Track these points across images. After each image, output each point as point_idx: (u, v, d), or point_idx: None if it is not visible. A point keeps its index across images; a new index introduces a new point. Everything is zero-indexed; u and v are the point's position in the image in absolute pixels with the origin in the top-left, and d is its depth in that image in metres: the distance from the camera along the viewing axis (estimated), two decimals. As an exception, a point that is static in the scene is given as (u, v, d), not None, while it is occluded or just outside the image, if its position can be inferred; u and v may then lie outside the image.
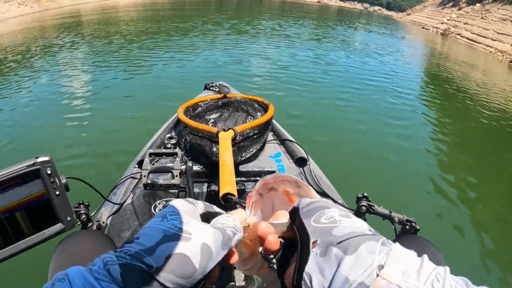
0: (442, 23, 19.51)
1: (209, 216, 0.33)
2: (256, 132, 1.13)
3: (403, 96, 4.79)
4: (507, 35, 12.93)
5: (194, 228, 0.28)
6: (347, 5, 50.87)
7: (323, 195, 1.08)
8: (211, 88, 1.85)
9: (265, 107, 1.35)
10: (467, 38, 15.34)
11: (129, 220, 0.95)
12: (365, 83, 5.14)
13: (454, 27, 17.59)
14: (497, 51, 12.19)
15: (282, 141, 1.32)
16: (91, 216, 0.85)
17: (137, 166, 1.12)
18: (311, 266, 0.24)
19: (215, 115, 1.31)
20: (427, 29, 20.37)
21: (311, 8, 31.13)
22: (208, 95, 1.54)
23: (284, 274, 0.30)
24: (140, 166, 1.05)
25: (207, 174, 1.06)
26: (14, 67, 5.10)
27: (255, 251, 0.34)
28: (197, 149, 1.08)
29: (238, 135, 1.05)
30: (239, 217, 0.33)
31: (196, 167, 1.05)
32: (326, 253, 0.24)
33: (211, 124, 1.20)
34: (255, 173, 1.09)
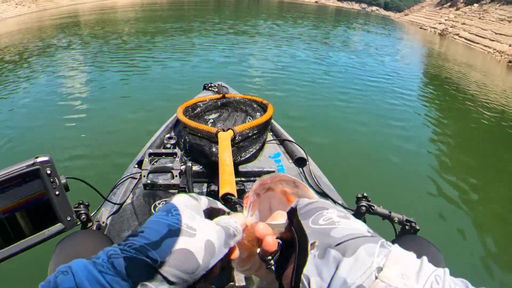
0: (440, 23, 19.57)
1: (212, 212, 0.33)
2: (255, 132, 1.13)
3: (402, 96, 4.80)
4: (505, 35, 12.98)
5: (198, 224, 0.28)
6: (344, 5, 50.91)
7: (323, 195, 1.08)
8: (210, 89, 1.86)
9: (264, 107, 1.35)
10: (465, 38, 15.39)
11: (129, 220, 0.95)
12: (364, 84, 5.15)
13: (452, 27, 17.65)
14: (495, 51, 12.24)
15: (282, 141, 1.32)
16: (91, 216, 0.85)
17: (136, 166, 1.12)
18: (309, 268, 0.24)
19: (214, 115, 1.31)
20: (425, 29, 20.42)
21: (309, 8, 31.16)
22: (207, 96, 1.54)
23: (282, 275, 0.29)
24: (139, 166, 1.05)
25: (207, 174, 1.06)
26: (12, 67, 5.08)
27: (253, 252, 0.33)
28: (197, 149, 1.08)
29: (237, 135, 1.05)
30: (239, 219, 0.33)
31: (195, 167, 1.05)
32: (324, 255, 0.24)
33: (210, 124, 1.20)
34: (254, 173, 1.09)
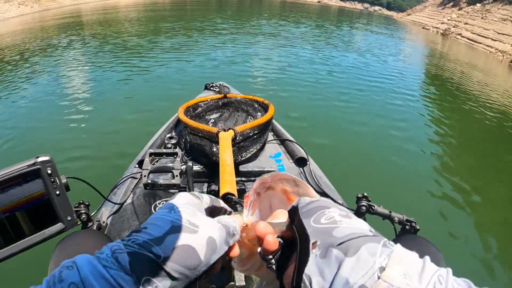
0: (442, 23, 19.49)
1: (214, 210, 0.34)
2: (256, 132, 1.13)
3: (403, 96, 4.78)
4: (507, 35, 12.91)
5: (200, 221, 0.28)
6: (347, 5, 50.78)
7: (323, 195, 1.08)
8: (211, 88, 1.86)
9: (265, 107, 1.35)
10: (467, 38, 15.32)
11: (129, 220, 0.96)
12: (365, 84, 5.13)
13: (454, 27, 17.57)
14: (497, 51, 12.18)
15: (282, 141, 1.32)
16: (91, 216, 0.85)
17: (137, 166, 1.12)
18: (311, 268, 0.24)
19: (215, 115, 1.31)
20: (427, 29, 20.34)
21: (311, 8, 31.10)
22: (208, 95, 1.54)
23: (283, 274, 0.29)
24: (140, 166, 1.05)
25: (207, 174, 1.06)
26: (14, 67, 5.10)
27: (254, 251, 0.33)
28: (197, 149, 1.08)
29: (238, 135, 1.05)
30: (237, 220, 0.34)
31: (196, 167, 1.05)
32: (326, 254, 0.24)
33: (211, 124, 1.20)
34: (255, 173, 1.09)
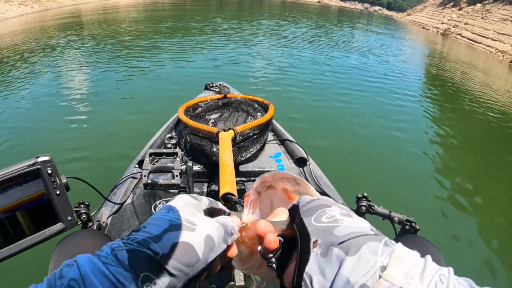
0: (442, 23, 19.49)
1: (213, 212, 0.34)
2: (256, 132, 1.13)
3: (403, 96, 4.78)
4: (507, 35, 12.91)
5: (198, 220, 0.28)
6: (347, 5, 50.78)
7: (323, 195, 1.08)
8: (211, 88, 1.85)
9: (265, 107, 1.35)
10: (467, 38, 15.32)
11: (129, 220, 0.96)
12: (365, 84, 5.13)
13: (454, 27, 17.57)
14: (497, 51, 12.18)
15: (282, 141, 1.32)
16: (91, 216, 0.85)
17: (137, 166, 1.12)
18: (312, 267, 0.24)
19: (215, 115, 1.31)
20: (428, 29, 20.34)
21: (311, 8, 31.09)
22: (209, 95, 1.54)
23: (283, 273, 0.29)
24: (140, 166, 1.05)
25: (207, 174, 1.06)
26: (14, 67, 5.10)
27: (254, 250, 0.33)
28: (197, 149, 1.08)
29: (238, 135, 1.05)
30: (235, 220, 0.34)
31: (196, 167, 1.05)
32: (327, 253, 0.23)
33: (211, 124, 1.20)
34: (255, 173, 1.09)
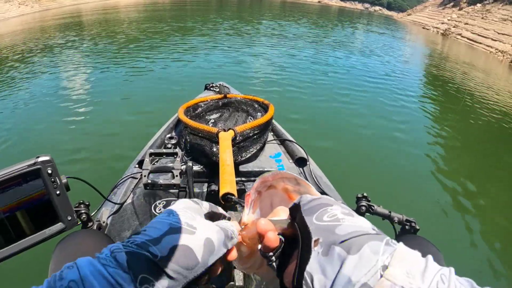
0: (442, 23, 19.48)
1: (213, 216, 0.34)
2: (256, 132, 1.13)
3: (404, 96, 4.78)
4: (507, 35, 12.91)
5: (198, 224, 0.29)
6: (347, 5, 50.79)
7: (323, 195, 1.08)
8: (211, 89, 1.85)
9: (265, 107, 1.35)
10: (467, 38, 15.32)
11: (129, 219, 0.96)
12: (366, 84, 5.13)
13: (454, 27, 17.56)
14: (497, 51, 12.17)
15: (282, 141, 1.32)
16: (91, 216, 0.85)
17: (137, 166, 1.12)
18: (313, 266, 0.24)
19: (215, 115, 1.31)
20: (428, 29, 20.34)
21: (311, 8, 31.10)
22: (209, 95, 1.54)
23: (283, 272, 0.29)
24: (140, 166, 1.05)
25: (207, 174, 1.06)
26: (14, 67, 5.10)
27: (254, 250, 0.33)
28: (197, 149, 1.08)
29: (238, 135, 1.05)
30: (235, 225, 0.34)
31: (196, 167, 1.05)
32: (328, 252, 0.23)
33: (211, 124, 1.20)
34: (255, 173, 1.09)
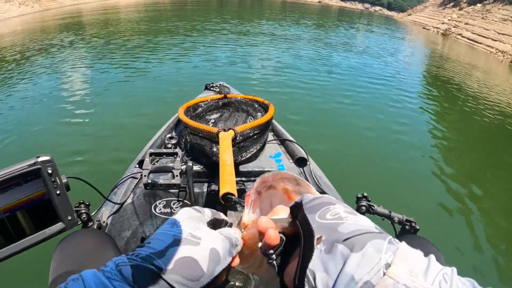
0: (442, 23, 19.48)
1: (215, 223, 0.35)
2: (256, 132, 1.13)
3: (404, 97, 4.78)
4: (507, 35, 12.90)
5: (202, 234, 0.29)
6: (348, 5, 50.81)
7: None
8: (211, 89, 1.85)
9: (265, 107, 1.35)
10: (467, 39, 15.31)
11: (129, 219, 0.96)
12: (366, 84, 5.13)
13: (454, 27, 17.56)
14: (497, 51, 12.17)
15: (282, 141, 1.32)
16: (91, 216, 0.85)
17: (137, 166, 1.12)
18: (315, 263, 0.24)
19: (215, 115, 1.31)
20: (428, 29, 20.33)
21: (312, 8, 31.11)
22: (209, 95, 1.54)
23: (284, 271, 0.29)
24: (140, 166, 1.05)
25: (207, 174, 1.06)
26: (15, 67, 5.11)
27: (255, 249, 0.33)
28: (198, 149, 1.08)
29: (238, 135, 1.05)
30: (237, 231, 0.34)
31: (196, 167, 1.05)
32: (331, 250, 0.23)
33: (211, 124, 1.20)
34: (255, 173, 1.09)
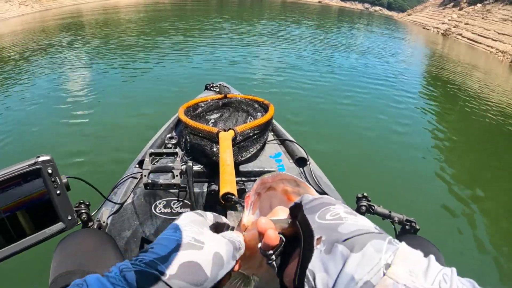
0: (443, 23, 19.48)
1: (218, 227, 0.35)
2: (256, 132, 1.13)
3: (404, 97, 4.78)
4: (508, 35, 12.90)
5: (205, 238, 0.29)
6: (348, 5, 50.81)
7: (323, 195, 1.08)
8: (211, 89, 1.85)
9: (265, 107, 1.35)
10: (468, 39, 15.31)
11: (129, 219, 0.96)
12: (366, 85, 5.13)
13: (455, 27, 17.56)
14: (498, 51, 12.17)
15: (282, 141, 1.32)
16: (91, 216, 0.85)
17: (137, 166, 1.12)
18: (315, 264, 0.24)
19: (215, 115, 1.31)
20: (428, 29, 20.33)
21: (312, 8, 31.11)
22: (209, 95, 1.54)
23: (283, 272, 0.29)
24: (140, 166, 1.05)
25: (208, 174, 1.06)
26: (15, 67, 5.10)
27: (254, 250, 0.33)
28: (198, 149, 1.07)
29: (238, 135, 1.05)
30: (240, 235, 0.34)
31: (196, 167, 1.05)
32: (331, 250, 0.23)
33: (211, 124, 1.20)
34: (255, 173, 1.09)
